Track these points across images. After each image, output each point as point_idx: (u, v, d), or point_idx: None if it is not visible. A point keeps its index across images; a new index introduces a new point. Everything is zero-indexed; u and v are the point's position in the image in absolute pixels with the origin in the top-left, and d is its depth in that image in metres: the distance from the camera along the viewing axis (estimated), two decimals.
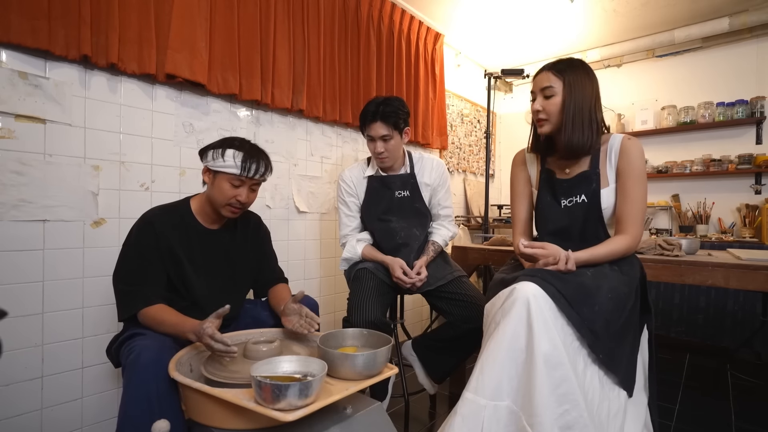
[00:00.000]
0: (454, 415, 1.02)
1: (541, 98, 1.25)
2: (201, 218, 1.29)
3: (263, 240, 1.46)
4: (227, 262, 1.32)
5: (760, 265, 1.32)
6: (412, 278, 1.57)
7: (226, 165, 1.19)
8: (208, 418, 0.90)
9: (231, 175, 1.21)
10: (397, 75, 2.62)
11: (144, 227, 1.19)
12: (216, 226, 1.32)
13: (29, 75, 1.31)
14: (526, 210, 1.43)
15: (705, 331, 2.66)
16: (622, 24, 3.01)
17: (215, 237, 1.31)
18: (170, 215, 1.24)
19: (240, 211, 1.28)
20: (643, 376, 1.18)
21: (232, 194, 1.22)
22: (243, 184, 1.23)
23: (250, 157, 1.22)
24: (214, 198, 1.24)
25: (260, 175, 1.25)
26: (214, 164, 1.21)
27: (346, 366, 0.96)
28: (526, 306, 1.01)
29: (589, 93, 1.22)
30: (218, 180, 1.22)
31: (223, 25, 1.73)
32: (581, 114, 1.20)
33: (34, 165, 1.32)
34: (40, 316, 1.34)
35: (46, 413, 1.35)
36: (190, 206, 1.30)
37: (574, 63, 1.24)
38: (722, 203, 2.99)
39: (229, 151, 1.20)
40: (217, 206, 1.25)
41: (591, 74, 1.25)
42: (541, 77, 1.25)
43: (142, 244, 1.17)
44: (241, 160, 1.20)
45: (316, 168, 2.24)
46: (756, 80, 2.90)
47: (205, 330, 1.00)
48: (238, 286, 1.36)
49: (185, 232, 1.25)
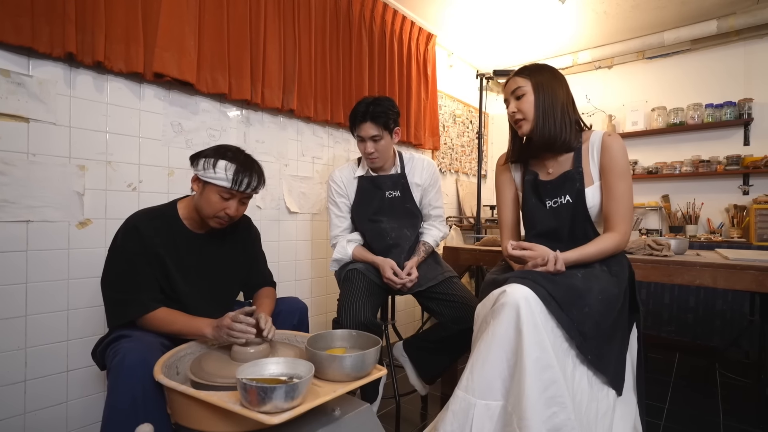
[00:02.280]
0: (446, 411, 1.07)
1: (513, 101, 1.27)
2: (188, 223, 1.26)
3: (253, 242, 1.44)
4: (215, 267, 1.30)
5: (746, 265, 1.33)
6: (402, 279, 1.56)
7: (217, 177, 1.15)
8: (194, 421, 0.89)
9: (221, 188, 1.16)
10: (389, 75, 2.62)
11: (129, 232, 1.15)
12: (203, 231, 1.29)
13: (12, 73, 1.29)
14: (513, 213, 1.43)
15: (694, 331, 2.68)
16: (612, 26, 3.03)
17: (203, 242, 1.28)
18: (156, 220, 1.20)
19: (227, 223, 1.24)
20: (632, 376, 1.18)
21: (220, 207, 1.18)
22: (233, 198, 1.19)
23: (243, 170, 1.17)
24: (202, 208, 1.20)
25: (252, 189, 1.21)
26: (205, 174, 1.16)
27: (334, 367, 0.95)
28: (515, 308, 1.01)
29: (560, 93, 1.24)
30: (207, 191, 1.18)
31: (212, 23, 1.72)
32: (553, 108, 1.22)
33: (18, 165, 1.29)
34: (23, 319, 1.32)
35: (30, 418, 1.32)
36: (177, 210, 1.26)
37: (540, 66, 1.27)
38: (711, 204, 3.03)
39: (221, 163, 1.15)
40: (203, 217, 1.22)
41: (559, 77, 1.27)
42: (510, 83, 1.28)
43: (129, 251, 1.14)
44: (233, 174, 1.15)
45: (307, 168, 2.23)
46: (743, 82, 2.94)
47: (224, 319, 1.04)
48: (226, 291, 1.34)
49: (172, 238, 1.21)
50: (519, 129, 1.28)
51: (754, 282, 1.31)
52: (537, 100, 1.22)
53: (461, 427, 1.03)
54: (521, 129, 1.27)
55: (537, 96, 1.23)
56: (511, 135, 1.37)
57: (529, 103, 1.23)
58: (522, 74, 1.26)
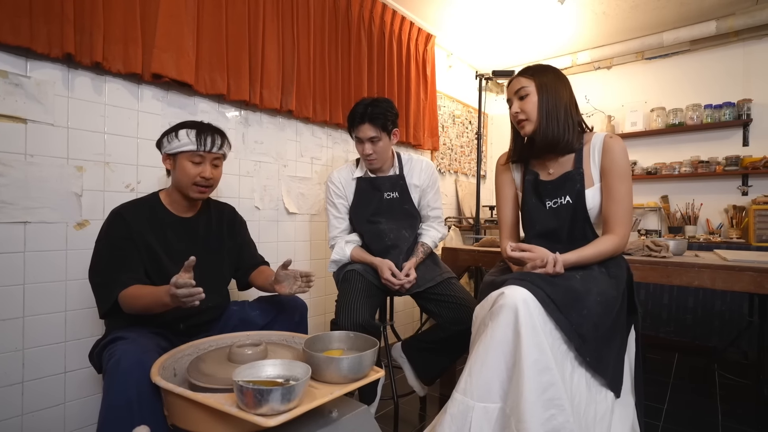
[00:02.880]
0: (444, 414, 1.06)
1: (517, 101, 1.27)
2: (172, 208, 1.30)
3: (239, 228, 1.47)
4: (204, 249, 1.31)
5: (745, 266, 1.33)
6: (400, 280, 1.56)
7: (182, 144, 1.21)
8: (191, 423, 0.89)
9: (189, 153, 1.22)
10: (388, 76, 2.62)
11: (114, 219, 1.18)
12: (189, 214, 1.32)
13: (9, 74, 1.28)
14: (512, 213, 1.43)
15: (693, 332, 2.68)
16: (611, 26, 3.03)
17: (189, 224, 1.31)
18: (140, 208, 1.24)
19: (208, 189, 1.28)
20: (630, 377, 1.18)
21: (195, 172, 1.23)
22: (204, 160, 1.24)
23: (203, 131, 1.24)
24: (179, 181, 1.25)
25: (218, 148, 1.26)
26: (171, 147, 1.23)
27: (332, 369, 0.95)
28: (514, 311, 1.01)
29: (563, 94, 1.23)
30: (179, 162, 1.24)
31: (210, 24, 1.72)
32: (556, 109, 1.22)
33: (15, 165, 1.29)
34: (20, 320, 1.31)
35: (27, 419, 1.32)
36: (159, 198, 1.30)
37: (544, 67, 1.27)
38: (710, 204, 3.03)
39: (182, 131, 1.22)
40: (184, 189, 1.26)
41: (562, 78, 1.26)
42: (513, 83, 1.28)
43: (114, 236, 1.16)
44: (195, 136, 1.22)
45: (306, 169, 2.22)
46: (742, 83, 2.94)
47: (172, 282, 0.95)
48: (218, 273, 1.35)
49: (157, 223, 1.25)
50: (522, 129, 1.28)
51: (753, 283, 1.30)
52: (540, 100, 1.22)
53: (459, 430, 1.02)
54: (524, 129, 1.27)
55: (540, 97, 1.22)
56: (512, 134, 1.37)
57: (533, 104, 1.23)
58: (526, 74, 1.26)
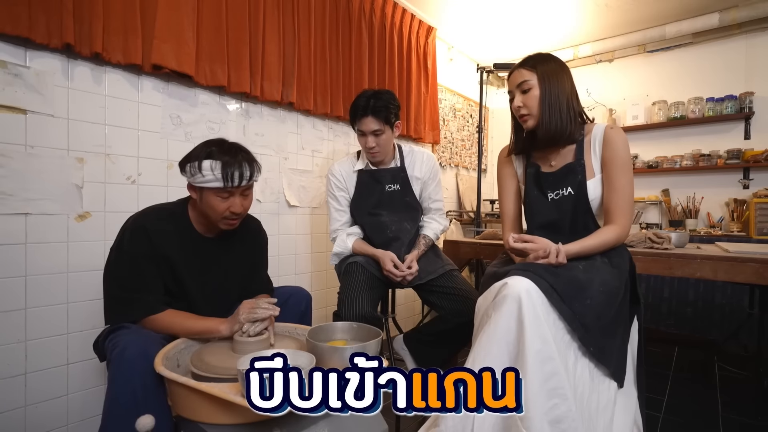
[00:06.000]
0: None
1: (519, 94, 1.25)
2: (198, 226, 1.22)
3: (261, 247, 1.40)
4: (219, 269, 1.27)
5: (747, 257, 1.33)
6: (402, 272, 1.56)
7: (207, 180, 1.09)
8: (195, 413, 0.89)
9: (216, 189, 1.11)
10: (389, 68, 2.60)
11: (137, 232, 1.11)
12: (213, 234, 1.25)
13: (9, 64, 1.27)
14: (515, 205, 1.43)
15: (693, 324, 2.69)
16: (613, 19, 3.01)
17: (211, 245, 1.25)
18: (164, 221, 1.16)
19: (238, 220, 1.20)
20: (632, 368, 1.18)
21: (223, 207, 1.14)
22: (232, 195, 1.14)
23: (230, 165, 1.10)
24: (207, 214, 1.16)
25: (247, 181, 1.14)
26: (195, 180, 1.11)
27: (335, 359, 0.95)
28: (517, 301, 1.01)
29: (566, 85, 1.22)
30: (205, 196, 1.13)
31: (211, 15, 1.70)
32: (558, 102, 1.21)
33: (15, 157, 1.28)
34: (23, 312, 1.31)
35: (30, 410, 1.32)
36: (187, 211, 1.22)
37: (545, 56, 1.25)
38: (711, 198, 3.02)
39: (205, 163, 1.09)
40: (213, 221, 1.18)
41: (564, 66, 1.25)
42: (515, 75, 1.26)
43: (137, 252, 1.10)
44: (220, 171, 1.09)
45: (307, 162, 2.22)
46: (744, 76, 2.93)
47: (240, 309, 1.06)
48: (228, 292, 1.31)
49: (181, 241, 1.18)
50: (524, 123, 1.28)
51: (755, 274, 1.31)
52: (543, 93, 1.21)
53: (462, 420, 1.02)
54: (526, 124, 1.27)
55: (543, 89, 1.21)
56: (513, 127, 1.36)
57: (535, 98, 1.22)
58: (527, 65, 1.24)
